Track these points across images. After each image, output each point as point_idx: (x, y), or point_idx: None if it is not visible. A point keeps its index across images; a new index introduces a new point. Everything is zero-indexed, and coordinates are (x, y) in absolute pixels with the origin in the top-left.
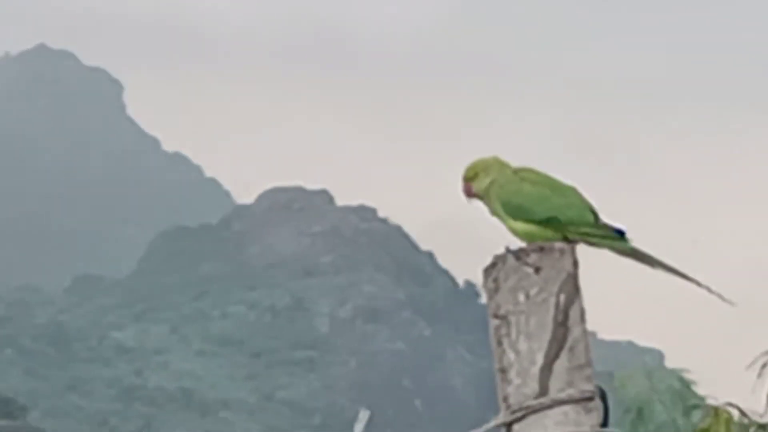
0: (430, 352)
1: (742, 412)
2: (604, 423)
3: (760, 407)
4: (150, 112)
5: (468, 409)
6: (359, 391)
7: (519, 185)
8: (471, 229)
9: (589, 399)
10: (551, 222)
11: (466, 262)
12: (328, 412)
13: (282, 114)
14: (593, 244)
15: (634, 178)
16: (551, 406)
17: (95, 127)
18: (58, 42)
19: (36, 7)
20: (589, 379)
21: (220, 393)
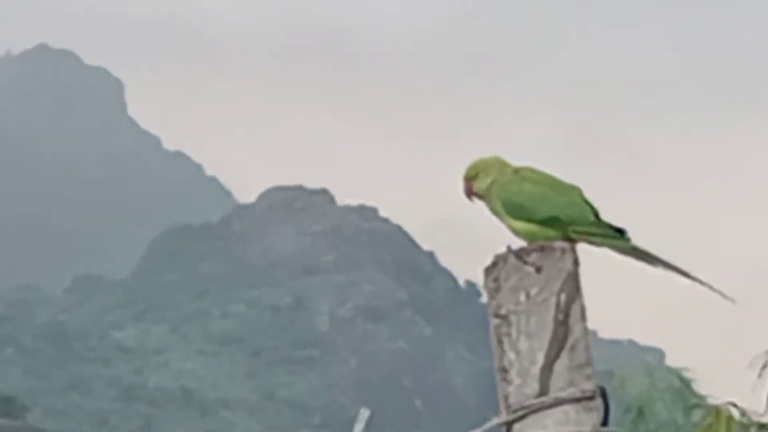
0: (431, 352)
1: (742, 411)
2: (605, 422)
3: (761, 406)
4: (151, 112)
5: (468, 409)
6: (359, 390)
7: (520, 184)
8: (472, 228)
9: (589, 398)
10: (552, 221)
11: (467, 262)
12: (328, 411)
13: (282, 113)
14: (594, 243)
15: (634, 178)
16: (552, 406)
17: (96, 127)
18: (59, 41)
19: (37, 6)
20: (590, 379)
21: (220, 392)
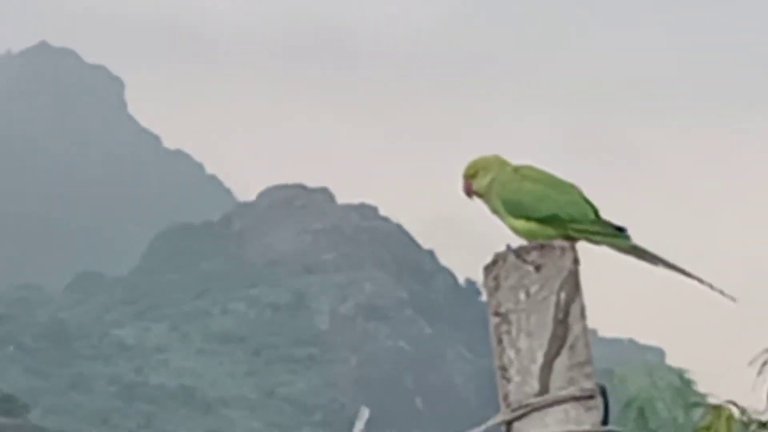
0: (431, 350)
1: (742, 410)
2: (605, 421)
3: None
4: (151, 110)
5: (468, 407)
6: (360, 388)
7: (519, 183)
8: (471, 227)
9: (589, 397)
10: (552, 220)
11: (467, 260)
12: (328, 410)
13: (283, 112)
14: (594, 242)
15: (634, 177)
16: (552, 404)
17: (96, 125)
18: (59, 40)
19: (37, 5)
20: (590, 377)
21: (220, 390)
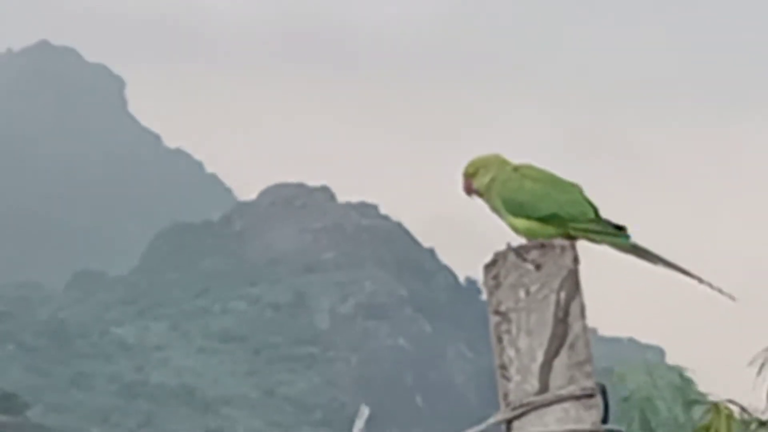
0: (431, 349)
1: (742, 409)
2: (605, 419)
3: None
4: (151, 109)
5: (468, 406)
6: (360, 387)
7: (520, 182)
8: (472, 225)
9: (589, 396)
10: (552, 219)
11: (467, 259)
12: (329, 409)
13: (283, 111)
14: (594, 241)
15: (634, 178)
16: (552, 403)
17: (96, 123)
18: (60, 38)
19: (38, 3)
20: (590, 376)
21: (221, 389)
